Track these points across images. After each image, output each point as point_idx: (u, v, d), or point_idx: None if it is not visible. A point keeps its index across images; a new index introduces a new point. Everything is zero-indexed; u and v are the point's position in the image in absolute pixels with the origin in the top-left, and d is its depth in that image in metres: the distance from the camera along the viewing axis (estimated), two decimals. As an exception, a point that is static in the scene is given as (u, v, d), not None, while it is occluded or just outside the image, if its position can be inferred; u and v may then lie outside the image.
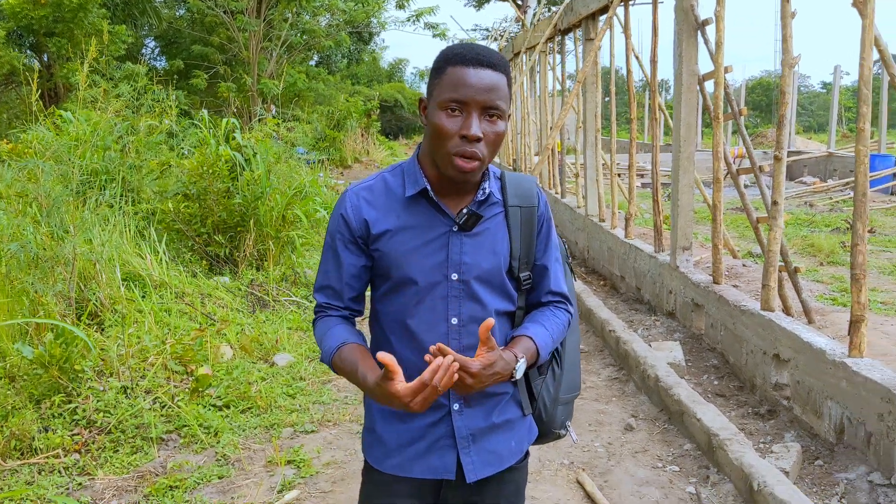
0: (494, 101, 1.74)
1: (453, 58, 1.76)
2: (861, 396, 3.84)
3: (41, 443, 4.17)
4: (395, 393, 1.64)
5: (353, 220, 1.88)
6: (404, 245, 1.85)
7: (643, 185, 17.12)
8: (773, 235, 5.01)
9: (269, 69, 22.93)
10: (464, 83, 1.73)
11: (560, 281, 2.04)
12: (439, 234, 1.86)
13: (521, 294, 1.99)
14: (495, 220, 1.91)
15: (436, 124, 1.75)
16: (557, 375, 2.06)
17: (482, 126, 1.74)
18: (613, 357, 5.91)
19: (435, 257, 1.85)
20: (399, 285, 1.87)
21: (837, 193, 15.87)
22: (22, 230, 5.82)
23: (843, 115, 36.00)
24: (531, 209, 1.95)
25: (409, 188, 1.86)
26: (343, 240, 1.90)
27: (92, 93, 9.50)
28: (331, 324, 1.93)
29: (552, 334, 1.94)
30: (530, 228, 1.95)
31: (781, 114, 5.00)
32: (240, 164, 7.93)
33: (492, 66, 1.75)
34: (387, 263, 1.87)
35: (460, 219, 1.84)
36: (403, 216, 1.87)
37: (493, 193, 1.91)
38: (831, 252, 9.62)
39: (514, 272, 1.94)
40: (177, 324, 5.85)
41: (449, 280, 1.86)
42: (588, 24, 9.44)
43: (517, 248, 1.93)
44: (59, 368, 4.55)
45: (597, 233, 9.06)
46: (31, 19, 16.40)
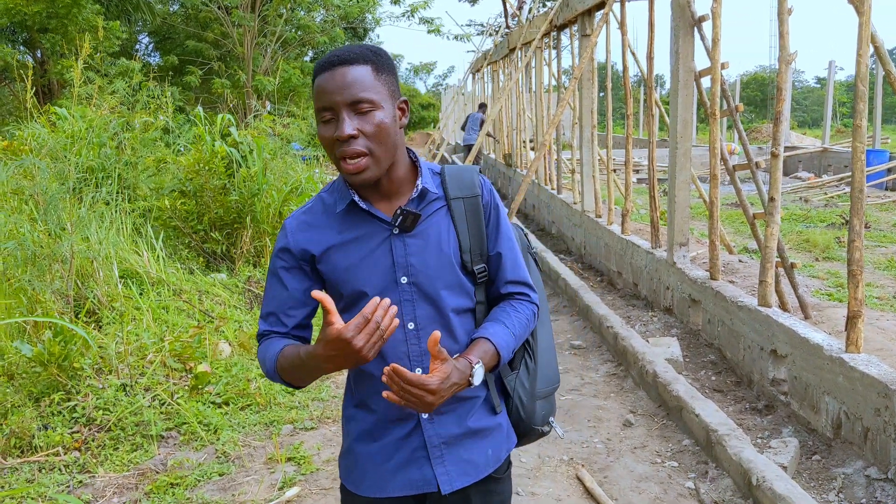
0: (357, 94, 1.71)
1: (316, 69, 1.77)
2: (858, 392, 3.86)
3: (41, 441, 4.17)
4: (337, 332, 1.57)
5: (294, 247, 1.86)
6: (348, 259, 1.83)
7: (639, 180, 17.14)
8: (769, 231, 5.02)
9: (263, 65, 22.87)
10: (324, 90, 1.72)
11: (518, 268, 1.98)
12: (381, 241, 1.82)
13: (479, 288, 1.93)
14: (437, 215, 1.87)
15: (319, 136, 1.76)
16: (531, 369, 2.00)
17: (355, 123, 1.71)
18: (612, 353, 5.93)
19: (381, 264, 1.82)
20: (352, 301, 1.84)
21: (832, 189, 15.92)
22: (18, 228, 5.81)
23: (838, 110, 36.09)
24: (475, 199, 1.90)
25: (339, 204, 1.85)
26: (286, 266, 1.87)
27: (87, 89, 9.48)
28: (271, 343, 1.88)
29: (513, 330, 1.88)
30: (477, 218, 1.89)
31: (778, 110, 5.02)
32: (236, 160, 7.92)
33: (346, 62, 1.73)
34: (335, 281, 1.84)
35: (396, 220, 1.80)
36: (344, 231, 1.84)
37: (431, 189, 1.86)
38: (827, 247, 9.65)
39: (466, 266, 1.88)
40: (175, 321, 5.85)
41: (399, 284, 1.82)
42: (584, 20, 9.44)
43: (466, 240, 1.88)
44: (58, 366, 4.55)
45: (593, 229, 9.07)
46: (24, 15, 16.32)
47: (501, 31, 17.68)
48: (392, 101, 1.78)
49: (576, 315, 7.05)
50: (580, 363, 5.84)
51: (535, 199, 13.17)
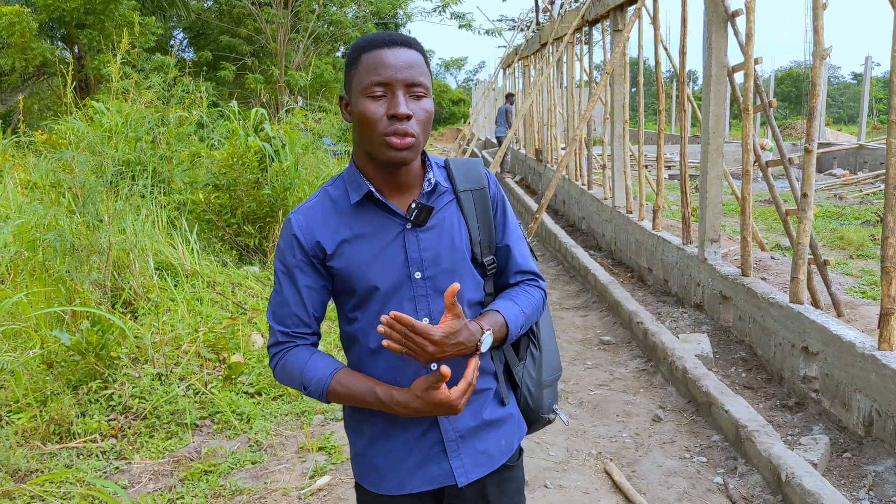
0: (417, 77, 1.69)
1: (365, 44, 1.71)
2: (890, 389, 3.83)
3: (79, 427, 4.27)
4: (447, 398, 1.66)
5: (305, 241, 1.79)
6: (361, 255, 1.78)
7: (671, 176, 17.03)
8: (802, 228, 4.99)
9: (296, 60, 23.03)
10: (382, 64, 1.67)
11: (528, 259, 1.98)
12: (394, 236, 1.79)
13: (488, 279, 1.93)
14: (448, 209, 1.85)
15: (361, 112, 1.69)
16: (537, 358, 2.00)
17: (409, 105, 1.68)
18: (641, 349, 5.92)
19: (395, 260, 1.78)
20: (365, 298, 1.80)
21: (868, 186, 15.68)
22: (58, 220, 5.94)
23: (874, 106, 35.51)
24: (482, 191, 1.89)
25: (353, 195, 1.79)
26: (298, 263, 1.81)
27: (123, 84, 9.63)
28: (305, 354, 1.82)
29: (523, 309, 1.88)
30: (486, 211, 1.89)
31: (812, 105, 4.98)
32: (269, 154, 8.02)
33: (406, 44, 1.71)
34: (348, 277, 1.79)
35: (411, 214, 1.76)
36: (355, 226, 1.79)
37: (440, 183, 1.85)
38: (861, 245, 9.53)
39: (477, 258, 1.88)
40: (209, 312, 5.95)
41: (413, 280, 1.79)
42: (616, 14, 9.41)
43: (476, 233, 1.87)
44: (96, 355, 4.65)
45: (624, 225, 9.05)
46: (62, 11, 16.60)
47: (532, 27, 17.65)
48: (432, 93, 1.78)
49: (605, 311, 7.05)
50: (609, 358, 5.84)
51: (566, 195, 13.15)
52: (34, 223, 6.06)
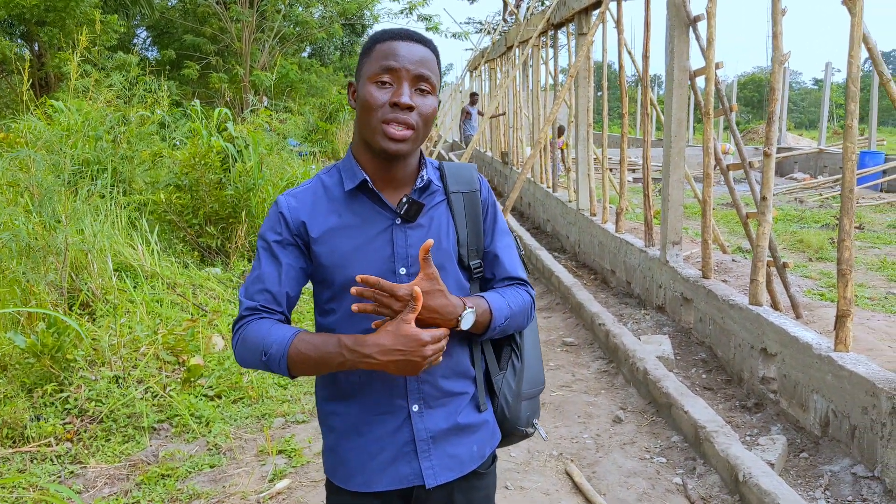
0: (424, 72, 1.72)
1: (381, 35, 1.76)
2: (846, 390, 3.89)
3: (33, 431, 4.19)
4: (416, 332, 1.62)
5: (291, 221, 1.79)
6: (346, 244, 1.78)
7: (634, 179, 17.18)
8: (761, 231, 5.05)
9: (261, 60, 22.87)
10: (394, 53, 1.71)
11: (517, 267, 1.97)
12: (382, 229, 1.79)
13: (474, 283, 1.92)
14: (438, 208, 1.86)
15: (364, 97, 1.72)
16: (518, 370, 1.98)
17: (413, 98, 1.71)
18: (603, 350, 5.95)
19: (380, 253, 1.78)
20: (343, 288, 1.76)
21: (827, 190, 15.96)
22: (13, 220, 5.83)
23: (835, 111, 36.15)
24: (473, 194, 1.90)
25: (348, 182, 1.81)
26: (281, 241, 1.80)
27: (83, 82, 9.48)
28: (268, 324, 1.77)
29: (510, 303, 1.87)
30: (475, 213, 1.90)
31: (771, 110, 5.04)
32: (232, 155, 7.94)
33: (421, 41, 1.75)
34: (329, 265, 1.78)
35: (401, 208, 1.77)
36: (345, 214, 1.80)
37: (433, 181, 1.86)
38: (820, 248, 9.69)
39: (463, 261, 1.88)
40: (168, 314, 5.87)
41: (397, 275, 1.78)
42: (581, 18, 9.46)
43: (463, 234, 1.87)
44: (51, 358, 4.57)
45: (588, 227, 9.10)
46: (22, 8, 16.29)
47: (500, 29, 17.70)
48: (438, 97, 1.80)
49: (568, 312, 7.08)
50: (572, 360, 5.87)
51: (531, 197, 13.19)
52: (-11, 223, 5.94)
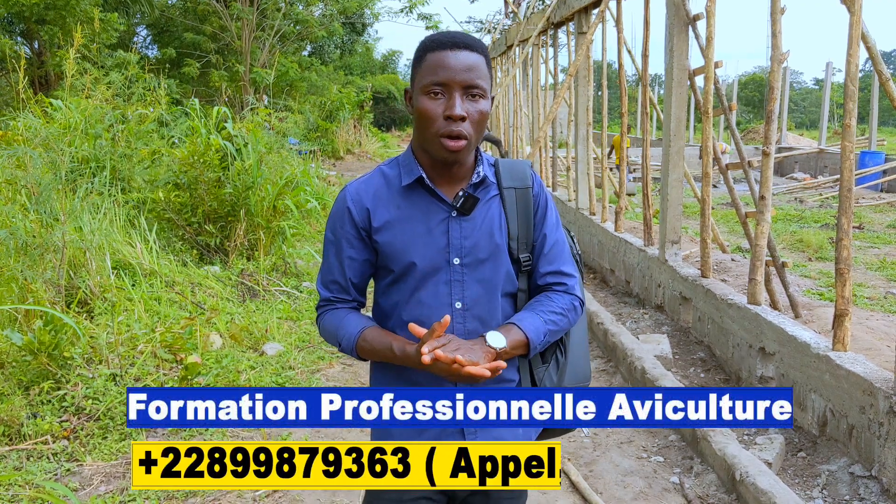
0: (474, 79, 1.79)
1: (431, 44, 1.82)
2: (844, 390, 3.88)
3: (30, 429, 4.18)
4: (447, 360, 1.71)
5: (356, 212, 1.91)
6: (406, 234, 1.89)
7: (634, 179, 17.17)
8: (760, 230, 5.04)
9: (261, 59, 22.87)
10: (443, 65, 1.78)
11: (561, 258, 2.03)
12: (439, 221, 1.90)
13: (522, 275, 2.00)
14: (492, 202, 1.95)
15: (420, 109, 1.80)
16: (561, 363, 2.04)
17: (465, 106, 1.79)
18: (601, 349, 5.95)
19: (436, 243, 1.89)
20: (402, 274, 1.90)
21: (828, 190, 15.94)
22: (11, 217, 5.82)
23: (835, 111, 36.11)
24: (526, 190, 1.99)
25: (405, 178, 1.90)
26: (346, 234, 1.93)
27: (82, 80, 9.47)
28: (342, 314, 1.96)
29: (546, 318, 1.93)
30: (527, 209, 1.98)
31: (769, 109, 5.04)
32: (231, 153, 7.92)
33: (468, 47, 1.81)
34: (390, 253, 1.90)
35: (457, 202, 1.88)
36: (403, 206, 1.90)
37: (488, 177, 1.95)
38: (820, 247, 9.68)
39: (513, 254, 1.96)
40: (167, 312, 5.86)
41: (451, 265, 1.89)
42: (581, 17, 9.45)
43: (514, 228, 1.96)
44: (48, 355, 4.55)
45: (587, 226, 9.09)
46: (22, 6, 16.30)
47: (500, 28, 17.69)
48: (490, 95, 1.86)
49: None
50: (570, 359, 5.86)
51: (531, 197, 13.18)
52: (-14, 221, 5.93)
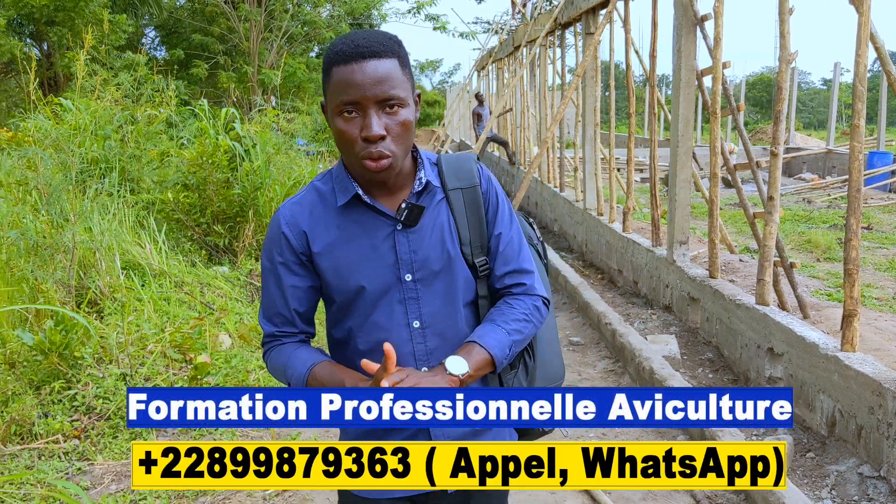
0: (388, 91, 1.62)
1: (334, 57, 1.64)
2: (852, 390, 3.88)
3: (41, 428, 4.21)
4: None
5: (293, 237, 1.76)
6: (350, 256, 1.75)
7: (642, 179, 17.15)
8: (768, 230, 5.04)
9: (269, 60, 22.92)
10: (351, 82, 1.61)
11: (519, 256, 1.88)
12: (384, 237, 1.75)
13: (481, 281, 1.86)
14: (439, 208, 1.80)
15: (337, 130, 1.66)
16: (530, 367, 1.91)
17: (383, 121, 1.63)
18: (609, 350, 5.95)
19: (384, 261, 1.75)
20: (352, 300, 1.76)
21: (836, 190, 15.89)
22: (21, 218, 5.86)
23: (843, 112, 36.01)
24: (474, 189, 1.83)
25: (341, 196, 1.75)
26: (286, 261, 1.78)
27: (91, 82, 9.52)
28: (289, 350, 1.81)
29: (509, 329, 1.79)
30: (477, 209, 1.82)
31: (778, 109, 5.03)
32: (239, 154, 7.95)
33: (375, 54, 1.62)
34: (335, 279, 1.76)
35: (401, 214, 1.72)
36: (343, 225, 1.76)
37: (431, 181, 1.79)
38: (828, 248, 9.66)
39: (467, 259, 1.81)
40: (176, 312, 5.88)
41: (403, 282, 1.75)
42: (588, 18, 9.45)
43: (466, 233, 1.81)
44: (59, 355, 4.58)
45: (595, 227, 9.09)
46: (31, 8, 16.38)
47: (507, 29, 17.70)
48: (412, 96, 1.71)
49: (575, 312, 7.08)
50: (578, 359, 5.86)
51: (538, 197, 13.19)
52: (-3, 221, 5.97)
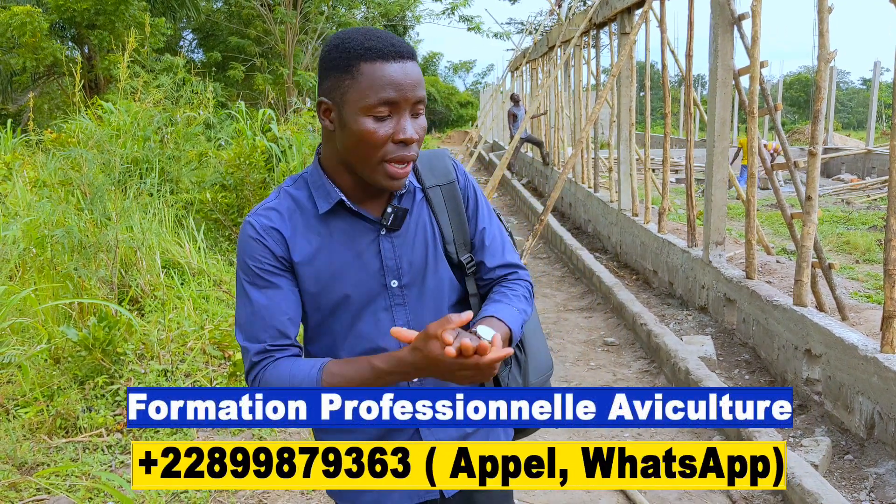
0: (421, 94, 1.55)
1: (365, 53, 1.51)
2: (892, 392, 3.84)
3: (85, 422, 4.31)
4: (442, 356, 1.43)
5: (271, 242, 1.62)
6: (333, 264, 1.64)
7: (677, 180, 17.03)
8: (806, 231, 5.00)
9: (304, 61, 23.10)
10: (393, 82, 1.51)
11: (505, 249, 1.82)
12: (368, 242, 1.66)
13: (469, 279, 1.79)
14: (420, 208, 1.73)
15: (363, 132, 1.52)
16: (523, 362, 1.84)
17: (414, 125, 1.56)
18: (645, 350, 5.93)
19: (369, 267, 1.66)
20: (335, 310, 1.67)
21: (875, 191, 15.64)
22: (66, 217, 5.99)
23: (883, 111, 35.40)
24: (451, 185, 1.76)
25: (322, 203, 1.64)
26: (268, 267, 1.63)
27: (132, 84, 9.69)
28: (287, 363, 1.61)
29: (516, 307, 1.71)
30: (457, 206, 1.75)
31: (816, 109, 4.99)
32: (276, 155, 8.06)
33: (411, 55, 1.55)
34: (316, 288, 1.65)
35: (387, 219, 1.64)
36: (324, 232, 1.65)
37: (411, 181, 1.72)
38: (867, 250, 9.53)
39: (452, 258, 1.75)
40: (214, 310, 5.98)
41: (389, 288, 1.67)
42: (623, 18, 9.42)
43: (448, 231, 1.74)
44: (103, 351, 4.69)
45: (630, 227, 9.06)
46: (73, 12, 16.70)
47: (542, 29, 17.67)
48: None
49: (610, 312, 7.06)
50: (613, 360, 5.86)
51: (572, 198, 13.16)
52: (43, 220, 6.12)
